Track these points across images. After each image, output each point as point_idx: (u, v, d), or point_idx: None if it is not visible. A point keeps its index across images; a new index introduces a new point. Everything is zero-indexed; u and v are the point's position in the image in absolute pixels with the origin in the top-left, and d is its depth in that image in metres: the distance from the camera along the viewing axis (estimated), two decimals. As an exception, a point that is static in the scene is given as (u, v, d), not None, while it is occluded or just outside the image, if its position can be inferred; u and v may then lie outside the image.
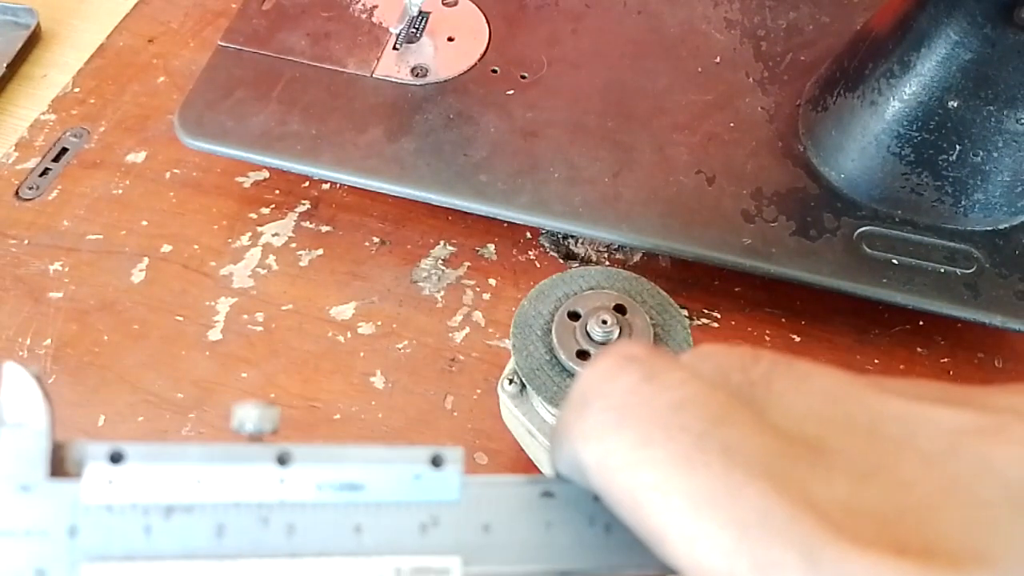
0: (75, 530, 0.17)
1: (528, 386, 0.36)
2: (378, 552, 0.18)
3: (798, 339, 0.48)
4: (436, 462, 0.19)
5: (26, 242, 0.53)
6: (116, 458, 0.18)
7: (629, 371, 0.17)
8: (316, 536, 0.18)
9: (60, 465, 0.18)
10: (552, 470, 0.20)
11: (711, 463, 0.16)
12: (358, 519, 0.18)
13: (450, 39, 0.57)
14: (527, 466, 0.41)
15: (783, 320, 0.49)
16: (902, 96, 0.46)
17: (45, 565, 0.17)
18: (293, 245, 0.52)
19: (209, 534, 0.17)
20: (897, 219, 0.48)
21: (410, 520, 0.18)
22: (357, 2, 0.58)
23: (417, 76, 0.54)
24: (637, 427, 0.16)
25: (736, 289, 0.50)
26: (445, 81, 0.54)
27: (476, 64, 0.55)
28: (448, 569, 0.18)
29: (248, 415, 0.19)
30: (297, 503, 0.18)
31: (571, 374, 0.35)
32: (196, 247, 0.52)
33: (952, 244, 0.47)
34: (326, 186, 0.55)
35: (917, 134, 0.46)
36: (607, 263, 0.52)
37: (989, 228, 0.48)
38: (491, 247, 0.52)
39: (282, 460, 0.18)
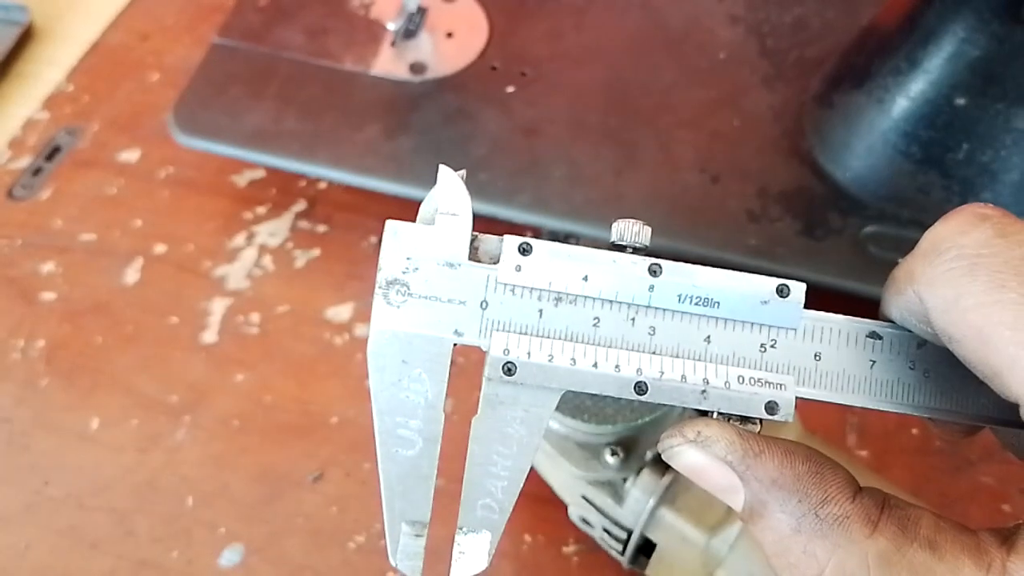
0: (486, 304, 0.21)
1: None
2: (723, 361, 0.21)
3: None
4: (782, 292, 0.21)
5: (19, 242, 0.52)
6: (525, 250, 0.21)
7: (983, 227, 0.19)
8: (672, 339, 0.21)
9: (475, 252, 0.21)
10: (882, 315, 0.22)
11: None
12: (709, 331, 0.21)
13: (449, 35, 0.56)
14: (528, 471, 0.41)
15: (788, 321, 0.49)
16: (909, 93, 0.45)
17: (461, 327, 0.21)
18: (289, 245, 0.52)
19: (587, 323, 0.21)
20: (904, 219, 0.47)
21: (753, 339, 0.21)
22: (354, -2, 0.57)
23: (415, 73, 0.54)
24: (990, 274, 0.18)
25: (740, 290, 0.50)
26: (444, 78, 0.53)
27: (475, 60, 0.54)
28: (783, 384, 0.21)
29: (627, 230, 0.22)
30: (660, 309, 0.21)
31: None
32: (190, 247, 0.52)
33: (960, 244, 0.46)
34: (323, 185, 0.54)
35: (924, 132, 0.45)
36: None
37: (998, 228, 0.47)
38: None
39: (653, 272, 0.21)
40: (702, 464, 0.21)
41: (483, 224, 0.22)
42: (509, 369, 0.21)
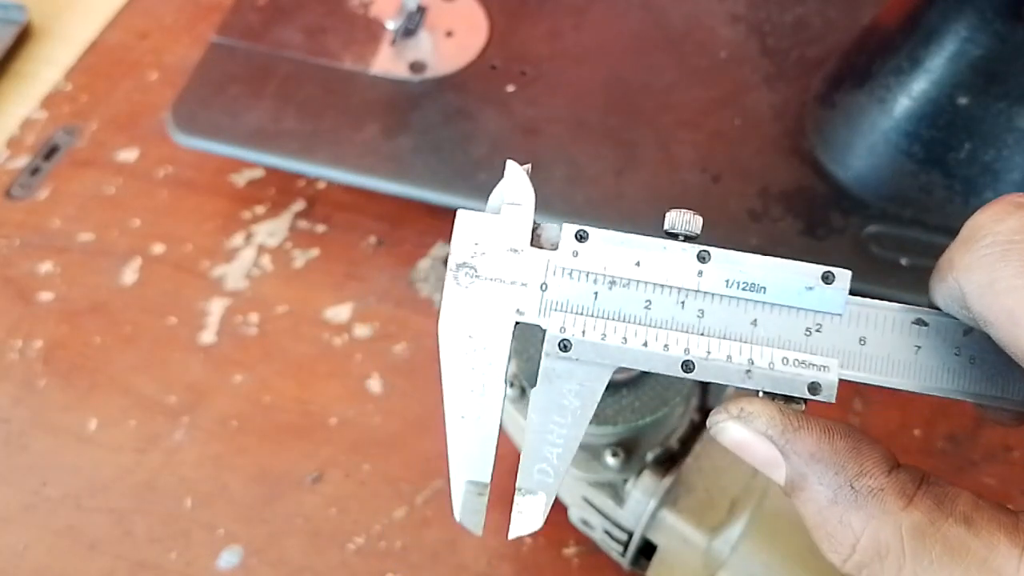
0: (546, 286, 0.23)
1: (529, 390, 0.35)
2: (769, 344, 0.22)
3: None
4: (827, 279, 0.22)
5: (16, 242, 0.52)
6: (581, 237, 0.23)
7: (1018, 214, 0.20)
8: (720, 322, 0.22)
9: (537, 239, 0.23)
10: (930, 303, 0.23)
11: None
12: (756, 315, 0.22)
13: (449, 34, 0.56)
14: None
15: (789, 321, 0.48)
16: (911, 93, 0.45)
17: (523, 307, 0.23)
18: (288, 245, 0.51)
19: (639, 306, 0.22)
20: (906, 218, 0.46)
21: (798, 323, 0.22)
22: (354, -3, 0.57)
23: (415, 72, 0.53)
24: (1022, 259, 0.19)
25: (741, 290, 0.50)
26: (443, 77, 0.53)
27: (475, 59, 0.54)
28: (827, 367, 0.22)
29: (679, 219, 0.23)
30: (709, 293, 0.22)
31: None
32: (189, 247, 0.51)
33: (962, 244, 0.46)
34: (322, 185, 0.54)
35: (926, 131, 0.45)
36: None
37: (1000, 227, 0.47)
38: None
39: (702, 258, 0.22)
40: (745, 439, 0.22)
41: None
42: (565, 346, 0.22)
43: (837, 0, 0.57)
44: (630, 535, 0.36)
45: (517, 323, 0.23)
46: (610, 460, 0.35)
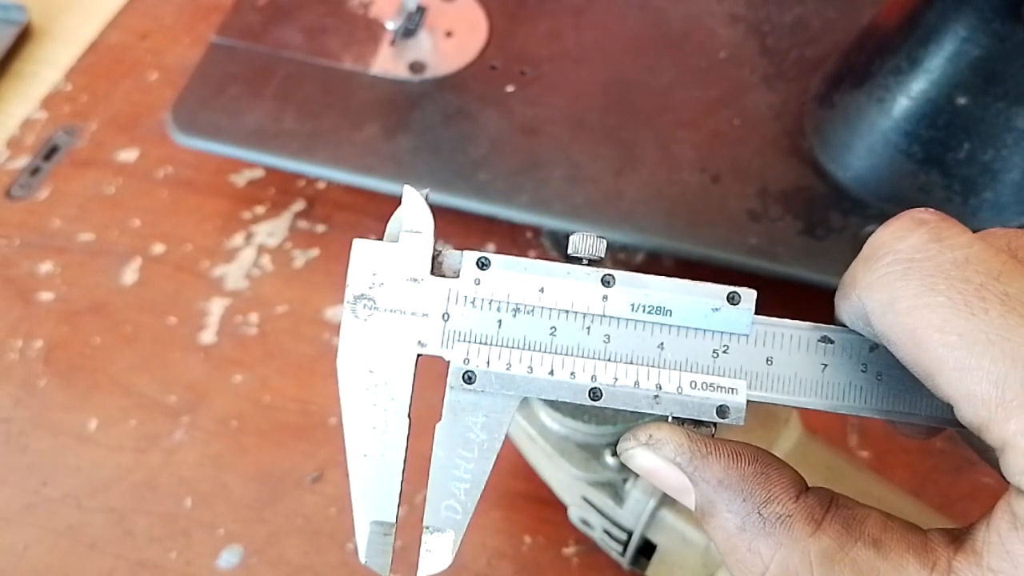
0: (447, 316, 0.22)
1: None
2: (677, 367, 0.22)
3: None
4: (732, 299, 0.22)
5: (17, 242, 0.52)
6: (483, 264, 0.22)
7: (919, 232, 0.19)
8: (627, 347, 0.22)
9: (438, 267, 0.22)
10: (836, 320, 0.22)
11: (989, 309, 0.18)
12: (663, 338, 0.22)
13: (448, 34, 0.56)
14: (528, 471, 0.40)
15: (788, 321, 0.48)
16: (910, 93, 0.45)
17: (425, 339, 0.22)
18: (288, 245, 0.51)
19: (544, 333, 0.22)
20: (905, 218, 0.47)
21: (705, 345, 0.22)
22: (354, -3, 0.57)
23: (415, 72, 0.53)
24: (923, 278, 0.19)
25: (740, 290, 0.50)
26: (443, 77, 0.53)
27: (475, 60, 0.54)
28: (735, 388, 0.22)
29: (583, 243, 0.23)
30: (614, 318, 0.22)
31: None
32: (189, 247, 0.51)
33: (961, 244, 0.46)
34: (322, 185, 0.54)
35: (925, 131, 0.45)
36: (609, 264, 0.51)
37: (999, 227, 0.47)
38: (491, 247, 0.51)
39: (606, 282, 0.22)
40: (654, 466, 0.22)
41: (483, 224, 0.22)
42: (469, 378, 0.22)
43: (836, 0, 0.57)
44: (630, 534, 0.36)
45: (419, 355, 0.22)
46: (610, 460, 0.35)
